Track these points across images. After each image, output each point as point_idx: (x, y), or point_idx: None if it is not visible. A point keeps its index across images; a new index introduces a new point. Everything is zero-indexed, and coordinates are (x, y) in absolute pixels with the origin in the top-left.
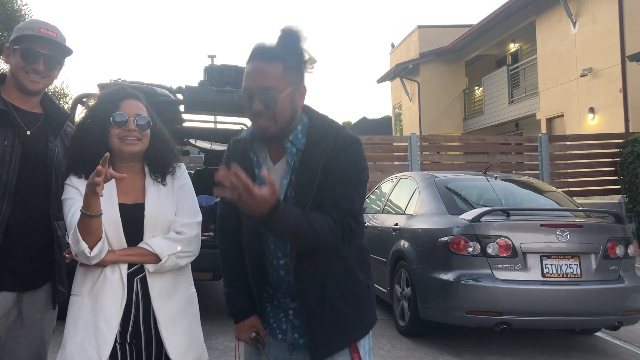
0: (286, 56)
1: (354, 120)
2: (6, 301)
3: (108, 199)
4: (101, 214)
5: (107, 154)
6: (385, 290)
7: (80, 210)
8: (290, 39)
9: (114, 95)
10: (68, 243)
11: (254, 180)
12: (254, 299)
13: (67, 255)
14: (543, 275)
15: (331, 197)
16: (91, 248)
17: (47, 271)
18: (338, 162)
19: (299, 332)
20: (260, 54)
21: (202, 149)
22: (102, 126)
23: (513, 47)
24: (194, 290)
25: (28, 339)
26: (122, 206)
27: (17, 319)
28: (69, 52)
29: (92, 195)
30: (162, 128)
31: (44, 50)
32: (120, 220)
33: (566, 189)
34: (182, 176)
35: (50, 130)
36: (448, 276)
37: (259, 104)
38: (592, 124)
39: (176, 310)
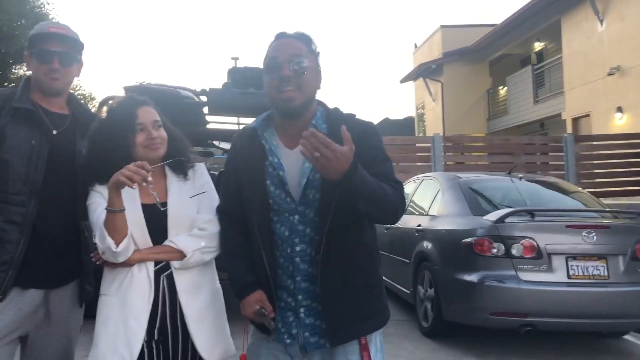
0: (307, 42)
1: (376, 121)
2: (34, 299)
3: (131, 200)
4: (124, 209)
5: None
6: (408, 292)
7: (105, 208)
8: (305, 35)
9: (129, 105)
10: (95, 243)
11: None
12: (255, 276)
13: (93, 257)
14: (569, 276)
15: (377, 176)
16: (117, 244)
17: (74, 269)
18: (369, 147)
19: (310, 331)
20: (286, 34)
21: (225, 151)
22: (123, 136)
23: (538, 46)
24: (219, 285)
25: (55, 336)
26: (144, 206)
27: (45, 317)
28: (80, 45)
29: (114, 191)
30: (173, 127)
31: (57, 47)
32: (144, 220)
33: (593, 190)
34: (203, 174)
35: (77, 131)
36: (472, 277)
37: (288, 69)
38: (620, 123)
39: (203, 305)
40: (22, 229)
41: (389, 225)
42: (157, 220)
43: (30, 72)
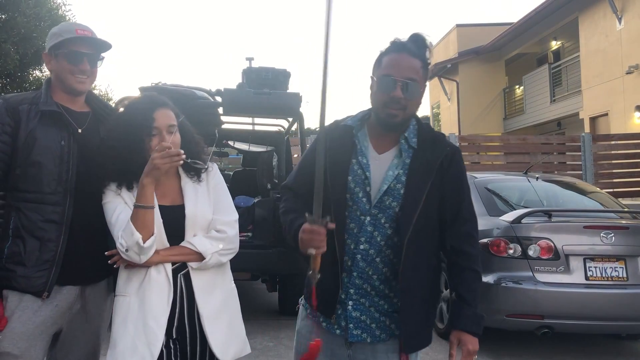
0: (423, 56)
1: None
2: (70, 295)
3: None
4: (154, 206)
5: None
6: None
7: (136, 205)
8: (422, 43)
9: (147, 107)
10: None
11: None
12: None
13: (111, 260)
14: (587, 278)
15: (457, 208)
16: (144, 240)
17: (109, 266)
18: (457, 173)
19: (354, 323)
20: (405, 47)
21: (240, 151)
22: (139, 140)
23: (555, 44)
24: (234, 285)
25: (86, 333)
26: (162, 208)
27: (80, 312)
28: (108, 46)
29: (150, 186)
30: (191, 128)
31: (86, 49)
32: (161, 221)
33: (611, 190)
34: (216, 175)
35: (100, 127)
36: (488, 278)
37: (400, 91)
38: (639, 122)
39: (218, 305)
40: (61, 227)
41: None
42: (174, 221)
43: (49, 73)
